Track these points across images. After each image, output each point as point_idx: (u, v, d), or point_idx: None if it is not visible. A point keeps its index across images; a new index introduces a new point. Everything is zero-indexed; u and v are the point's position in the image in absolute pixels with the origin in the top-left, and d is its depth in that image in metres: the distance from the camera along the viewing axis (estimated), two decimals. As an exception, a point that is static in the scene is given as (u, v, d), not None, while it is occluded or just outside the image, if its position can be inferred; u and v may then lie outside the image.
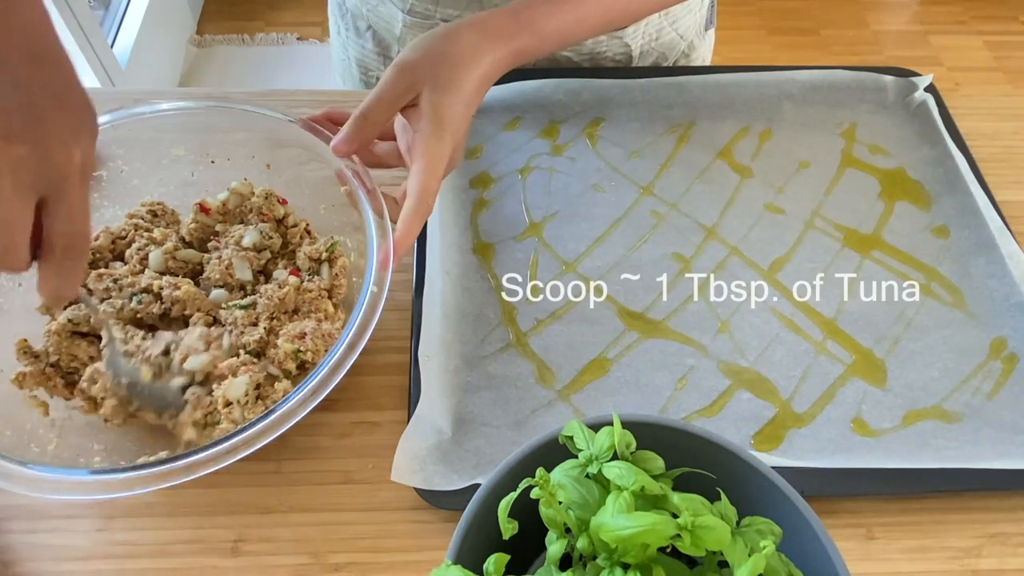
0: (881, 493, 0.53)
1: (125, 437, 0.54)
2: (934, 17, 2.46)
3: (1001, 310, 0.63)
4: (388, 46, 0.84)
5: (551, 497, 0.35)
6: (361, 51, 0.87)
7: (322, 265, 0.61)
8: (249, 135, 0.64)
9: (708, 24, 0.88)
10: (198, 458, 0.46)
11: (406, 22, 0.79)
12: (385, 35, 0.84)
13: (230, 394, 0.51)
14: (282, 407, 0.48)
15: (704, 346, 0.61)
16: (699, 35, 0.87)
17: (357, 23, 0.86)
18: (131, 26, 2.01)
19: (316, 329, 0.56)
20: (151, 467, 0.46)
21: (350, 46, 0.89)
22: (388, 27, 0.82)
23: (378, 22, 0.83)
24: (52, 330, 0.55)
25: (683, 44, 0.85)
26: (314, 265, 0.60)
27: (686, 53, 0.87)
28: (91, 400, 0.53)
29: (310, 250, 0.60)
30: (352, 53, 0.89)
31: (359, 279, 0.58)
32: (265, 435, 0.47)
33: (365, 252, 0.55)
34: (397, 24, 0.80)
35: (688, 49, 0.86)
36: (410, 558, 0.51)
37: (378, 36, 0.84)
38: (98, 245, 0.60)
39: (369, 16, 0.83)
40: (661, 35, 0.83)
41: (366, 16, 0.84)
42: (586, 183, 0.73)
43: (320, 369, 0.49)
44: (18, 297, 0.57)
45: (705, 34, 0.88)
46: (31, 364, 0.54)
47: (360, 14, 0.84)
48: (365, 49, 0.87)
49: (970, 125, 0.76)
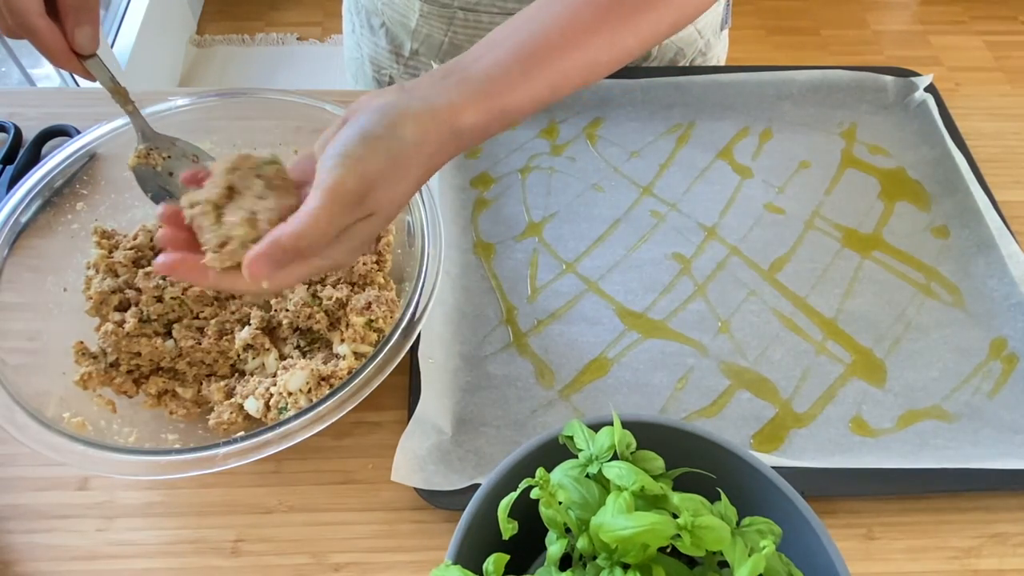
0: (881, 493, 0.53)
1: (195, 426, 0.56)
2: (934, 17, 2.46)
3: (1001, 310, 0.63)
4: (401, 43, 0.84)
5: (551, 497, 0.35)
6: (374, 48, 0.87)
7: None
8: (276, 123, 0.64)
9: (724, 23, 0.88)
10: (285, 429, 0.49)
11: (423, 11, 0.79)
12: (399, 31, 0.84)
13: (291, 385, 0.53)
14: (362, 372, 0.50)
15: (704, 346, 0.61)
16: (715, 34, 0.87)
17: (371, 20, 0.86)
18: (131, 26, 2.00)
19: (379, 297, 0.57)
20: (246, 440, 0.48)
21: (363, 43, 0.89)
22: (403, 20, 0.82)
23: (393, 16, 0.83)
24: (109, 331, 0.56)
25: (701, 42, 0.85)
26: None
27: (703, 52, 0.86)
28: (154, 396, 0.56)
29: None
30: (365, 51, 0.89)
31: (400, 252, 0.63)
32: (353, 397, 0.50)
33: (402, 228, 0.60)
34: (413, 15, 0.80)
35: (705, 48, 0.86)
36: (410, 558, 0.51)
37: (391, 33, 0.85)
38: (138, 243, 0.61)
39: (384, 11, 0.83)
40: None
41: (380, 11, 0.84)
42: (586, 183, 0.73)
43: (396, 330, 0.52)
44: (66, 301, 0.59)
45: (720, 34, 0.88)
46: (91, 365, 0.55)
47: (375, 10, 0.84)
48: (378, 47, 0.87)
49: (970, 125, 0.76)
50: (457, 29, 0.79)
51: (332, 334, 0.58)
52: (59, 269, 0.60)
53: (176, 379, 0.58)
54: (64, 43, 0.49)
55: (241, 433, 0.50)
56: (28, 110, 0.77)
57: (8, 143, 0.72)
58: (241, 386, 0.55)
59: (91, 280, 0.58)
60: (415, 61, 0.85)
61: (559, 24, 0.49)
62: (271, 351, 0.57)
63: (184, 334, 0.57)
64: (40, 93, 1.09)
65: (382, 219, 0.44)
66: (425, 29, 0.81)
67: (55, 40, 0.49)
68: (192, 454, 0.48)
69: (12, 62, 1.63)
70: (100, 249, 0.60)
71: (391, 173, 0.42)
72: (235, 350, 0.57)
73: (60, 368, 0.55)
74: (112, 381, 0.56)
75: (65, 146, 0.61)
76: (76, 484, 0.54)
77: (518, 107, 0.47)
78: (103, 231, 0.61)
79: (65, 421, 0.51)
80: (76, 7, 0.49)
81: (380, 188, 0.42)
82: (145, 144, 0.56)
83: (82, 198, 0.62)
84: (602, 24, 0.50)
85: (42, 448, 0.48)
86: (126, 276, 0.59)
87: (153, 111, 0.62)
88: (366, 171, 0.41)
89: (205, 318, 0.58)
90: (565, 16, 0.49)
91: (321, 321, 0.57)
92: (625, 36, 0.51)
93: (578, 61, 0.49)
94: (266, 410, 0.53)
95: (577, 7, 0.49)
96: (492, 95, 0.46)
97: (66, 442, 0.48)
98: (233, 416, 0.54)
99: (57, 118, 0.75)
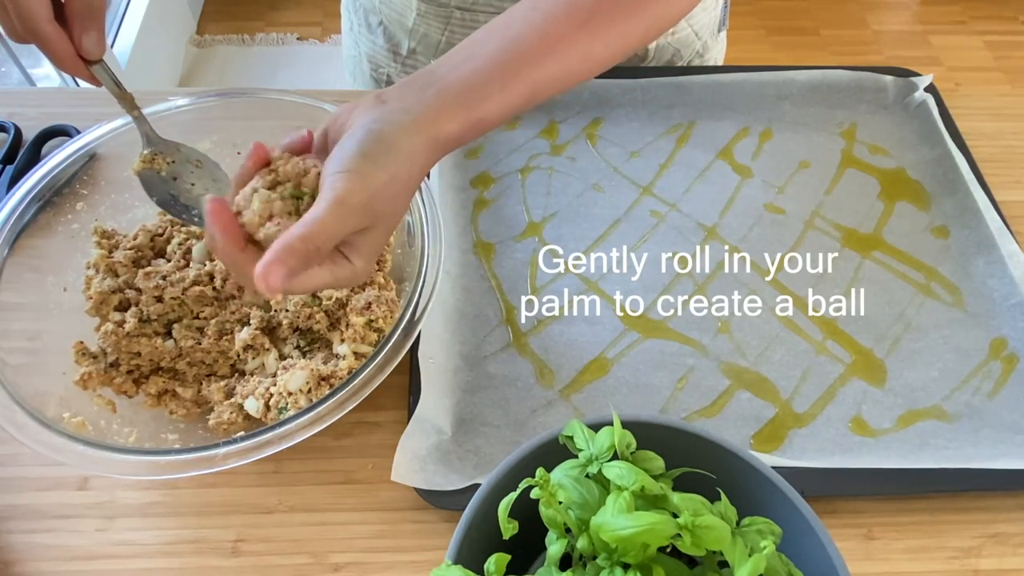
0: (881, 493, 0.53)
1: (195, 426, 0.56)
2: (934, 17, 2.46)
3: (1001, 310, 0.63)
4: (398, 42, 0.84)
5: (551, 497, 0.35)
6: (372, 47, 0.88)
7: None
8: (276, 123, 0.65)
9: (721, 25, 0.88)
10: (285, 429, 0.49)
11: (420, 10, 0.79)
12: (396, 29, 0.84)
13: (291, 385, 0.53)
14: (362, 372, 0.50)
15: (704, 346, 0.61)
16: (712, 35, 0.87)
17: (369, 18, 0.86)
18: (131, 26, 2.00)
19: (379, 297, 0.57)
20: (246, 440, 0.48)
21: (361, 42, 0.89)
22: (400, 19, 0.82)
23: (390, 14, 0.83)
24: (109, 331, 0.56)
25: (698, 44, 0.85)
26: None
27: (700, 53, 0.87)
28: (154, 396, 0.56)
29: None
30: (363, 49, 0.89)
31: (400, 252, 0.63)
32: (353, 397, 0.50)
33: (402, 228, 0.60)
34: (410, 14, 0.80)
35: (702, 49, 0.86)
36: (410, 558, 0.51)
37: (389, 32, 0.85)
38: (138, 243, 0.61)
39: (381, 9, 0.84)
40: (677, 29, 0.82)
41: (378, 10, 0.84)
42: (586, 183, 0.73)
43: (395, 330, 0.52)
44: (66, 301, 0.59)
45: (718, 36, 0.88)
46: (91, 365, 0.55)
47: (372, 8, 0.85)
48: (376, 45, 0.87)
49: (970, 125, 0.76)
50: (454, 28, 0.79)
51: (332, 334, 0.58)
52: (59, 269, 0.60)
53: (176, 379, 0.58)
54: (71, 48, 0.50)
55: (241, 433, 0.50)
56: (28, 110, 0.77)
57: (8, 143, 0.72)
58: (241, 386, 0.55)
59: (91, 280, 0.58)
60: (412, 60, 0.85)
61: (536, 34, 0.49)
62: (271, 351, 0.57)
63: (184, 334, 0.57)
64: (40, 93, 1.09)
65: (385, 229, 0.46)
66: (422, 28, 0.81)
67: (63, 46, 0.49)
68: (192, 454, 0.48)
69: (12, 62, 1.64)
70: (100, 249, 0.60)
71: (392, 185, 0.44)
72: (235, 350, 0.57)
73: (60, 368, 0.55)
74: (112, 381, 0.56)
75: (65, 146, 0.61)
76: (76, 484, 0.54)
77: (494, 116, 0.48)
78: (103, 231, 0.61)
79: (65, 421, 0.51)
80: (83, 13, 0.49)
81: (381, 200, 0.44)
82: (150, 149, 0.56)
83: (82, 198, 0.62)
84: (578, 34, 0.50)
85: (42, 448, 0.48)
86: (126, 276, 0.59)
87: (153, 111, 0.62)
88: (369, 184, 0.43)
89: (205, 318, 0.58)
90: (542, 26, 0.50)
91: (321, 321, 0.57)
92: (599, 47, 0.51)
93: (554, 71, 0.50)
94: (266, 410, 0.53)
95: (555, 16, 0.50)
96: (470, 106, 0.47)
97: (66, 442, 0.48)
98: (233, 416, 0.54)
99: (57, 118, 0.75)
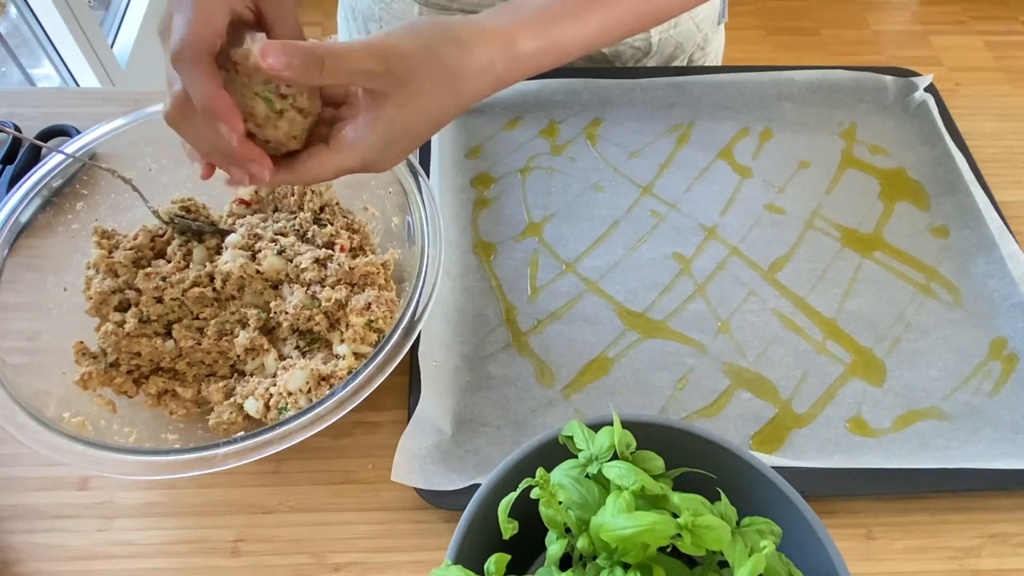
0: (881, 493, 0.53)
1: (195, 426, 0.56)
2: (934, 17, 2.46)
3: (1001, 310, 0.63)
4: None
5: (551, 497, 0.35)
6: None
7: None
8: None
9: (721, 17, 0.88)
10: (285, 429, 0.49)
11: (422, 13, 0.79)
12: None
13: (290, 385, 0.53)
14: (362, 372, 0.50)
15: (704, 346, 0.61)
16: (713, 27, 0.87)
17: (368, 25, 0.86)
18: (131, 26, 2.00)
19: (379, 298, 0.57)
20: (246, 440, 0.48)
21: None
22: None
23: (391, 21, 0.83)
24: (109, 331, 0.56)
25: (699, 36, 0.85)
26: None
27: (701, 46, 0.87)
28: (154, 396, 0.56)
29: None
30: None
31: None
32: (351, 398, 0.50)
33: (402, 228, 0.60)
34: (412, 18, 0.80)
35: (703, 42, 0.87)
36: (410, 558, 0.51)
37: None
38: (138, 244, 0.61)
39: (381, 15, 0.83)
40: (679, 23, 0.83)
41: (378, 17, 0.84)
42: (586, 183, 0.73)
43: (394, 332, 0.52)
44: (66, 301, 0.59)
45: (718, 27, 0.89)
46: (91, 365, 0.55)
47: (372, 15, 0.84)
48: None
49: (970, 125, 0.76)
50: None
51: (332, 334, 0.58)
52: (59, 269, 0.60)
53: (176, 379, 0.58)
54: None
55: (241, 433, 0.50)
56: (28, 110, 0.77)
57: (8, 143, 0.72)
58: (241, 386, 0.55)
59: (91, 280, 0.58)
60: None
61: None
62: (271, 351, 0.57)
63: (184, 334, 0.57)
64: (40, 93, 1.09)
65: (412, 120, 0.42)
66: None
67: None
68: (192, 454, 0.48)
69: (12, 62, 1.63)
70: (100, 249, 0.60)
71: (442, 76, 0.41)
72: (235, 351, 0.57)
73: (60, 368, 0.55)
74: (112, 381, 0.56)
75: (65, 146, 0.61)
76: (76, 484, 0.54)
77: (571, 43, 0.48)
78: (103, 231, 0.61)
79: (65, 421, 0.51)
80: None
81: (422, 79, 0.40)
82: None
83: (82, 198, 0.62)
84: None
85: (42, 448, 0.48)
86: (126, 276, 0.59)
87: (153, 111, 0.62)
88: (417, 49, 0.40)
89: (205, 319, 0.58)
90: None
91: (321, 322, 0.57)
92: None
93: (624, 11, 0.51)
94: (266, 410, 0.53)
95: None
96: (547, 24, 0.47)
97: (66, 442, 0.48)
98: (233, 416, 0.54)
99: (57, 118, 0.75)
